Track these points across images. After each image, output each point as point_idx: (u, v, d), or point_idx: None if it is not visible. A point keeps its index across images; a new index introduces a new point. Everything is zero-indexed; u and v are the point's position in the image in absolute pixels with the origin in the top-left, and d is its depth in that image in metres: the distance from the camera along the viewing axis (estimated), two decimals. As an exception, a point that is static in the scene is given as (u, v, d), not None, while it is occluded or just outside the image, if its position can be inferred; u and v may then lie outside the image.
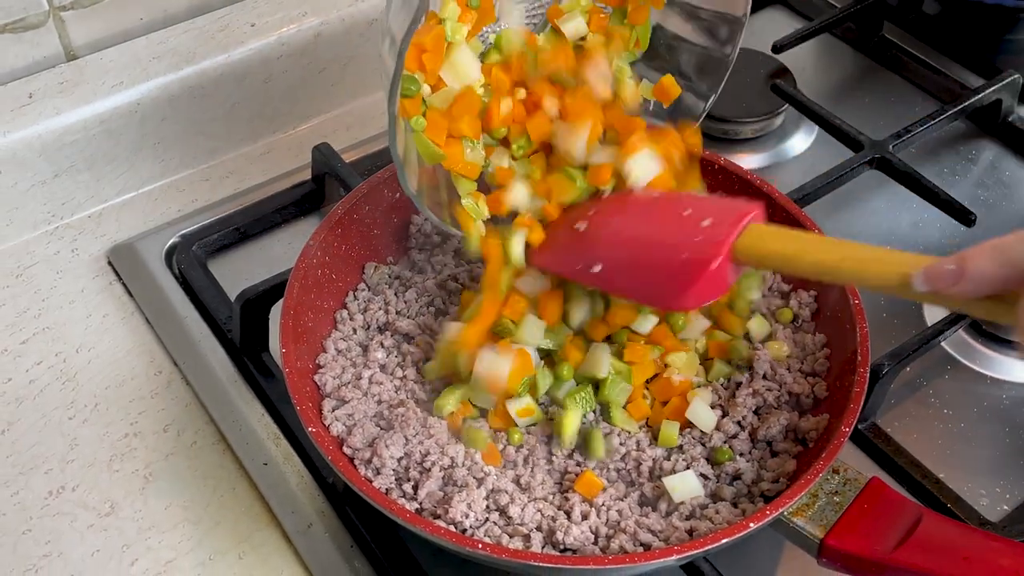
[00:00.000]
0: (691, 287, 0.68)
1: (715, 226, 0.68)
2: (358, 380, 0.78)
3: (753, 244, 0.67)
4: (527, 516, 0.70)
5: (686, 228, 0.69)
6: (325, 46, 1.05)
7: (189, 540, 0.76)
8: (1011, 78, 1.06)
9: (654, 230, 0.72)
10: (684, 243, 0.69)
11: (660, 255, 0.70)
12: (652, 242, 0.72)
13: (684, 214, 0.71)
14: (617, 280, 0.73)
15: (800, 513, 0.68)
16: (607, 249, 0.73)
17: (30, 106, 0.94)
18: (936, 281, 0.59)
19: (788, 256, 0.66)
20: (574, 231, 0.75)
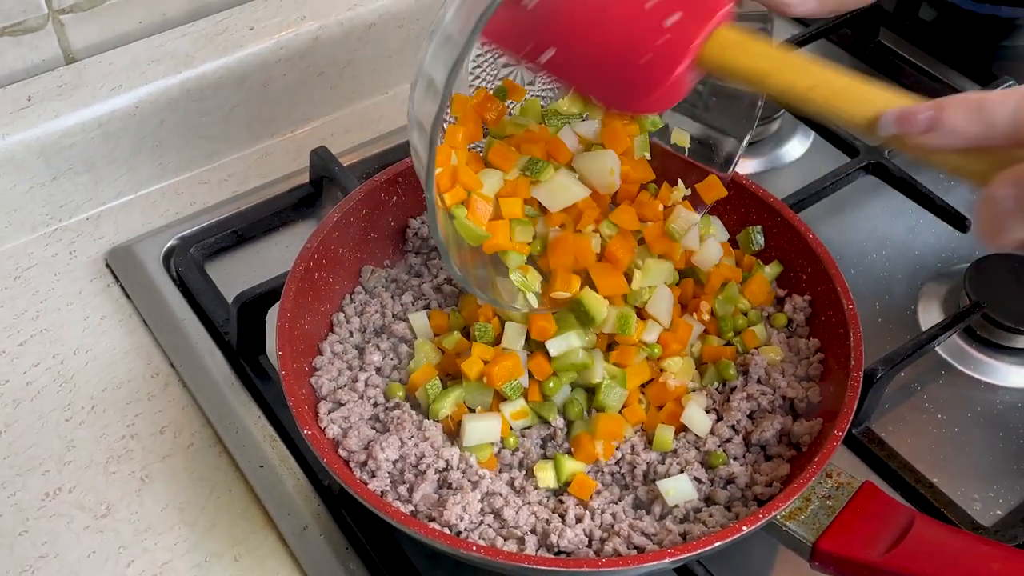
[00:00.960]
0: (651, 92, 0.64)
1: (681, 25, 0.63)
2: (354, 383, 0.78)
3: (720, 54, 0.63)
4: (521, 519, 0.71)
5: (650, 23, 0.64)
6: (323, 50, 1.06)
7: (185, 542, 0.77)
8: (1007, 85, 1.06)
9: (615, 19, 0.66)
10: (648, 42, 0.64)
11: (621, 52, 0.65)
12: (612, 36, 0.66)
13: (648, 4, 0.65)
14: (569, 71, 0.68)
15: (793, 517, 0.68)
16: (561, 33, 0.67)
17: (29, 109, 0.95)
18: (906, 125, 0.57)
19: (756, 73, 0.62)
20: (521, 7, 0.68)
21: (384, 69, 1.11)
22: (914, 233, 0.99)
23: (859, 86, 0.60)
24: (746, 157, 1.07)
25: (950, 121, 0.55)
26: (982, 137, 0.55)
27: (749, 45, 0.63)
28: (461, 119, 0.75)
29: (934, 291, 0.94)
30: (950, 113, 0.56)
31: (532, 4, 0.68)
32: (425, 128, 0.63)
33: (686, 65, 0.63)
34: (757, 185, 0.86)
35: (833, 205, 0.99)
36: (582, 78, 0.69)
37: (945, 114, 0.56)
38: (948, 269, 0.96)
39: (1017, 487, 0.81)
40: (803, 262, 0.83)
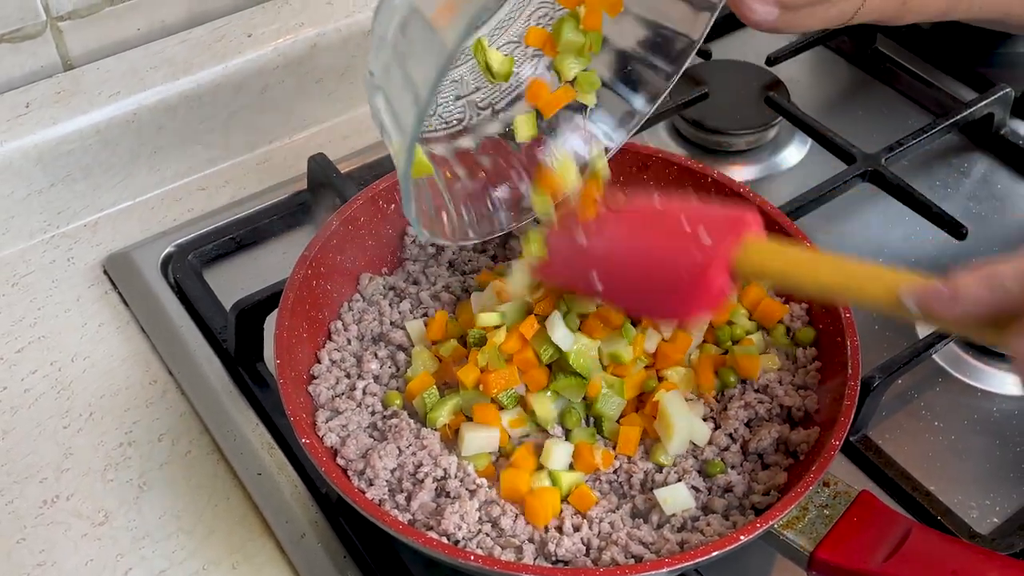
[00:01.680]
0: (693, 303, 0.69)
1: (714, 242, 0.69)
2: (352, 391, 0.78)
3: (751, 260, 0.68)
4: (519, 528, 0.71)
5: (686, 244, 0.70)
6: (322, 56, 1.06)
7: (183, 550, 0.77)
8: (1003, 92, 1.06)
9: (655, 245, 0.73)
10: (684, 261, 0.70)
11: (661, 271, 0.71)
12: (653, 258, 0.72)
13: (683, 227, 0.71)
14: (619, 295, 0.74)
15: (790, 526, 0.69)
16: (608, 263, 0.74)
17: (27, 115, 0.95)
18: (928, 302, 0.60)
19: (787, 274, 0.68)
20: (574, 244, 0.75)
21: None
22: (911, 241, 0.99)
23: (880, 272, 0.65)
24: (743, 164, 1.07)
25: (967, 293, 0.59)
26: (1000, 304, 0.59)
27: (776, 250, 0.69)
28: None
29: (931, 298, 0.94)
30: (966, 286, 0.59)
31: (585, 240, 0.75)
32: (405, 127, 0.65)
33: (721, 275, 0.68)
34: (755, 192, 0.86)
35: (830, 212, 0.99)
36: (629, 298, 0.75)
37: (961, 288, 0.60)
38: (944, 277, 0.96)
39: (1014, 495, 0.81)
40: (800, 270, 0.83)
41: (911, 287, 0.61)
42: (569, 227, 0.78)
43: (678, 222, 0.72)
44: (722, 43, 1.20)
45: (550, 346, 0.75)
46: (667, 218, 0.74)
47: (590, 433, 0.76)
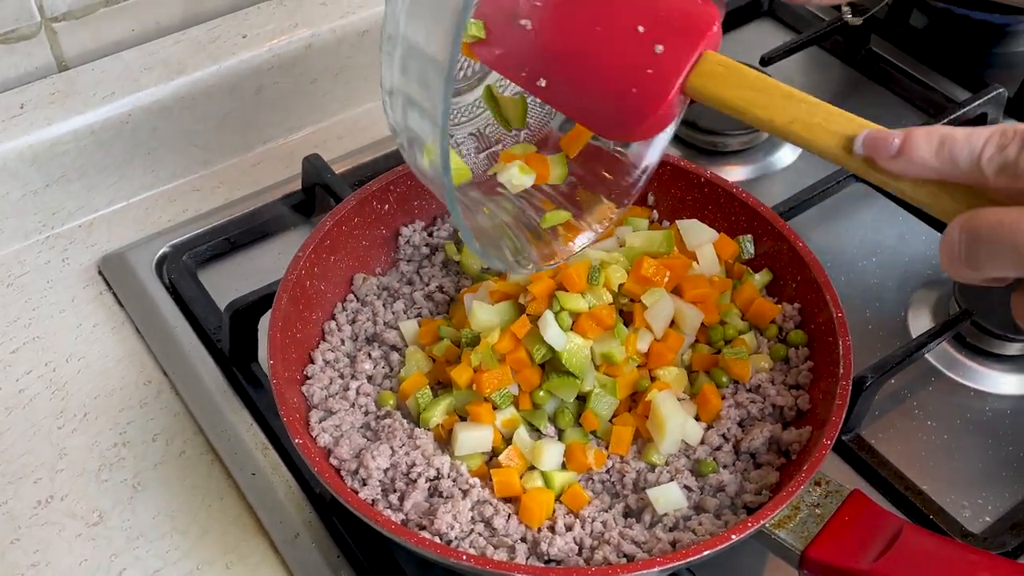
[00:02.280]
0: (639, 122, 0.67)
1: (668, 54, 0.65)
2: (345, 391, 0.78)
3: (704, 85, 0.65)
4: (512, 527, 0.71)
5: (639, 52, 0.66)
6: (316, 57, 1.06)
7: (177, 550, 0.77)
8: (997, 92, 1.07)
9: (605, 49, 0.68)
10: (635, 74, 0.66)
11: (609, 85, 0.67)
12: (602, 66, 0.68)
13: (637, 30, 0.67)
14: (561, 99, 0.71)
15: (782, 525, 0.69)
16: (554, 64, 0.69)
17: (21, 116, 0.95)
18: (875, 148, 0.58)
19: (737, 105, 0.65)
20: (520, 27, 0.70)
21: (377, 76, 1.10)
22: (904, 240, 0.99)
23: (835, 118, 0.62)
24: (737, 164, 1.07)
25: (915, 150, 0.57)
26: (944, 172, 0.56)
27: (732, 77, 0.65)
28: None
29: (924, 298, 0.94)
30: (915, 142, 0.57)
31: (529, 25, 0.69)
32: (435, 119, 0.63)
33: (673, 95, 0.66)
34: (747, 193, 0.86)
35: (823, 213, 0.99)
36: (574, 105, 0.71)
37: (911, 142, 0.57)
38: (938, 276, 0.96)
39: (1006, 494, 0.81)
40: (793, 270, 0.83)
41: (863, 133, 0.59)
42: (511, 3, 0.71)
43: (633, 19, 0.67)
44: (716, 43, 1.20)
45: (543, 346, 0.75)
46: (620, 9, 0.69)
47: (582, 433, 0.76)
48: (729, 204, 0.87)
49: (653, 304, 0.78)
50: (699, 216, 0.87)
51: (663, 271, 0.79)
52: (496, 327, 0.77)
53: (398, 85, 0.66)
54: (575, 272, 0.76)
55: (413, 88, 0.65)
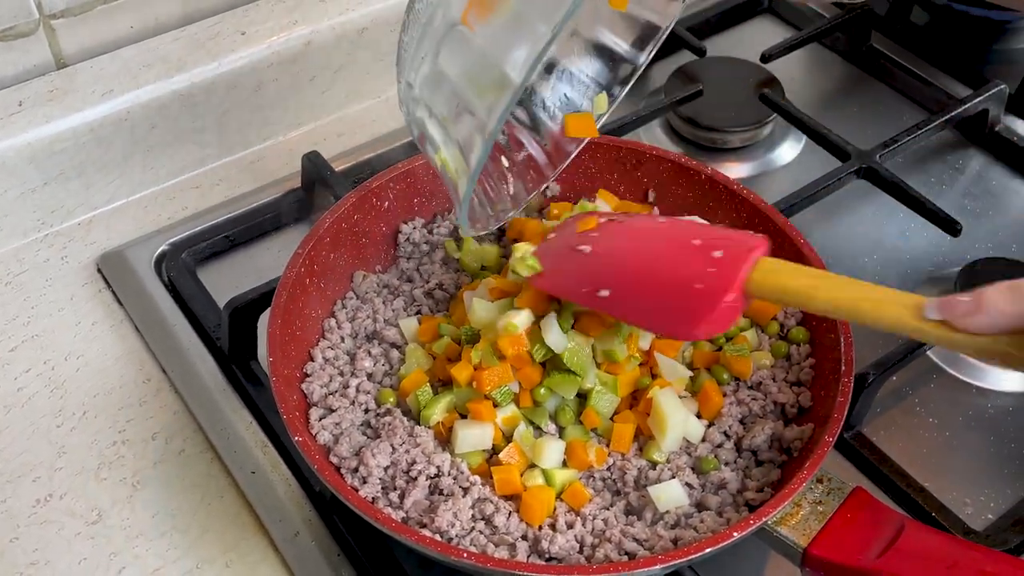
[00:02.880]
0: (704, 319, 0.69)
1: (727, 257, 0.69)
2: (345, 389, 0.78)
3: (766, 278, 0.68)
4: (513, 525, 0.71)
5: (698, 258, 0.69)
6: (315, 54, 1.06)
7: (176, 548, 0.76)
8: (998, 88, 1.06)
9: (665, 258, 0.72)
10: (697, 274, 0.69)
11: (673, 285, 0.70)
12: (664, 271, 0.71)
13: (693, 243, 0.71)
14: (626, 307, 0.73)
15: (784, 522, 0.68)
16: (616, 274, 0.73)
17: (20, 114, 0.94)
18: (949, 310, 0.60)
19: (801, 293, 0.67)
20: (578, 252, 0.74)
21: (376, 73, 1.11)
22: (905, 237, 0.99)
23: (895, 292, 0.64)
24: (738, 161, 1.07)
25: (991, 303, 0.58)
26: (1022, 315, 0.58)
27: (790, 270, 0.68)
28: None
29: (925, 295, 0.93)
30: (989, 296, 0.59)
31: (588, 250, 0.74)
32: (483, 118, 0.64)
33: (734, 292, 0.68)
34: (748, 190, 0.86)
35: (825, 209, 0.99)
36: (639, 312, 0.73)
37: (985, 298, 0.59)
38: (940, 273, 0.96)
39: (1008, 491, 0.81)
40: (794, 267, 0.83)
41: (934, 299, 0.61)
42: (567, 237, 0.76)
43: (688, 237, 0.71)
44: (717, 40, 1.20)
45: (543, 345, 0.75)
46: (676, 231, 0.73)
47: (583, 430, 0.76)
48: (730, 201, 0.87)
49: None
50: (700, 213, 0.87)
51: None
52: (495, 323, 0.76)
53: (425, 98, 0.67)
54: None
55: (443, 110, 0.66)
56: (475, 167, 0.65)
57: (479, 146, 0.65)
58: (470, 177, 0.66)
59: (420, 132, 0.71)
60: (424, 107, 0.69)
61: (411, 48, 0.69)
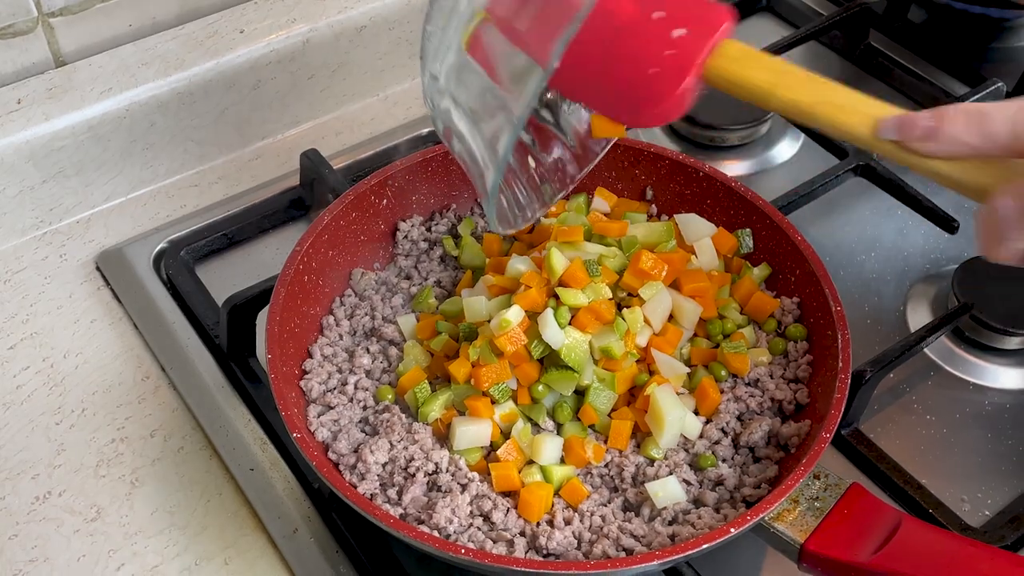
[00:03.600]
0: (656, 105, 0.65)
1: (687, 38, 0.64)
2: (344, 386, 0.78)
3: (725, 67, 0.64)
4: (511, 521, 0.71)
5: (657, 35, 0.65)
6: (314, 52, 1.06)
7: (175, 545, 0.77)
8: (995, 86, 1.06)
9: (621, 31, 0.66)
10: (654, 55, 0.64)
11: (627, 64, 0.65)
12: (619, 46, 0.66)
13: (654, 16, 0.65)
14: (574, 81, 0.68)
15: (781, 518, 0.69)
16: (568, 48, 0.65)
17: (18, 112, 0.95)
18: (906, 131, 0.57)
19: (762, 88, 0.63)
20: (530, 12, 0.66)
21: (375, 71, 1.11)
22: (903, 235, 0.99)
23: (860, 99, 0.61)
24: (736, 159, 1.07)
25: (950, 129, 0.56)
26: (980, 147, 0.55)
27: (753, 60, 0.64)
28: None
29: (923, 292, 0.94)
30: (949, 121, 0.56)
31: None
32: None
33: (692, 78, 0.64)
34: (746, 187, 0.86)
35: (822, 207, 0.99)
36: (589, 92, 0.69)
37: (944, 122, 0.56)
38: (937, 270, 0.96)
39: (1005, 488, 0.81)
40: (792, 264, 0.83)
41: (892, 116, 0.58)
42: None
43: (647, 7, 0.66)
44: (715, 38, 1.20)
45: (540, 342, 0.75)
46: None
47: (581, 427, 0.76)
48: (728, 198, 0.87)
49: (651, 298, 0.78)
50: (698, 210, 0.87)
51: (661, 265, 0.79)
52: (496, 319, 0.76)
53: (451, 88, 0.66)
54: (575, 267, 0.76)
55: (469, 100, 0.65)
56: (503, 154, 0.63)
57: (507, 134, 0.63)
58: (497, 166, 0.64)
59: (445, 127, 0.69)
60: (450, 98, 0.68)
61: (435, 38, 0.68)
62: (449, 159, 0.89)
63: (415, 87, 1.13)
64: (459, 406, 0.76)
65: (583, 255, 0.78)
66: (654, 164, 0.89)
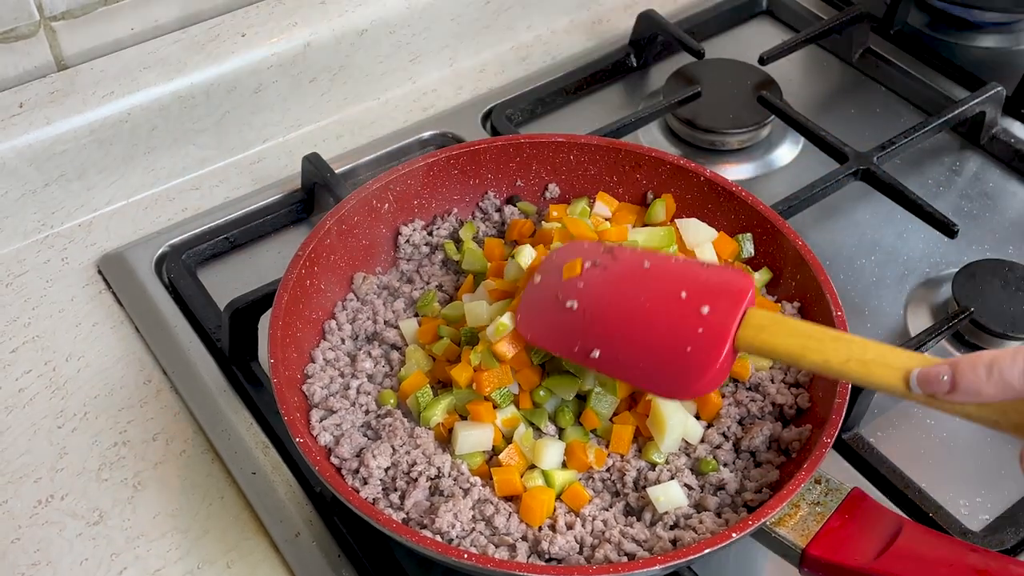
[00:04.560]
0: (697, 381, 0.68)
1: (715, 313, 0.68)
2: (346, 390, 0.78)
3: (754, 336, 0.67)
4: (513, 526, 0.71)
5: (686, 316, 0.69)
6: (315, 56, 1.06)
7: (178, 549, 0.77)
8: (995, 90, 1.07)
9: (654, 319, 0.71)
10: (687, 337, 0.68)
11: (663, 349, 0.70)
12: (653, 333, 0.70)
13: (681, 296, 0.70)
14: (617, 368, 0.72)
15: (782, 523, 0.69)
16: (605, 337, 0.72)
17: (21, 116, 0.95)
18: (929, 386, 0.59)
19: (791, 354, 0.66)
20: (565, 310, 0.73)
21: (376, 75, 1.11)
22: (903, 239, 1.00)
23: (887, 352, 0.63)
24: (736, 163, 1.07)
25: (966, 384, 0.58)
26: (1000, 395, 0.57)
27: (779, 326, 0.67)
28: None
29: (923, 296, 0.94)
30: (963, 376, 0.58)
31: (575, 306, 0.73)
32: None
33: (728, 348, 0.67)
34: (747, 192, 0.86)
35: (822, 211, 0.99)
36: (630, 372, 0.72)
37: (959, 377, 0.58)
38: (936, 275, 0.96)
39: (1005, 492, 0.81)
40: (792, 269, 0.83)
41: (916, 371, 0.60)
42: (553, 285, 0.75)
43: (674, 288, 0.70)
44: (714, 42, 1.21)
45: (540, 349, 0.75)
46: (660, 281, 0.72)
47: (583, 432, 0.76)
48: (728, 203, 0.87)
49: None
50: (699, 215, 0.87)
51: None
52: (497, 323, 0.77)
53: None
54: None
55: None
56: None
57: None
58: None
59: None
60: None
61: None
62: (451, 163, 0.89)
63: (416, 91, 1.14)
64: (461, 410, 0.77)
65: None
66: (655, 168, 0.89)
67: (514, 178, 0.92)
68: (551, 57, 1.18)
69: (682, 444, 0.76)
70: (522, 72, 1.16)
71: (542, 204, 0.92)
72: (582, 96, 1.14)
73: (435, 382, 0.79)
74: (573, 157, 0.91)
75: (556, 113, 1.12)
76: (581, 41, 1.20)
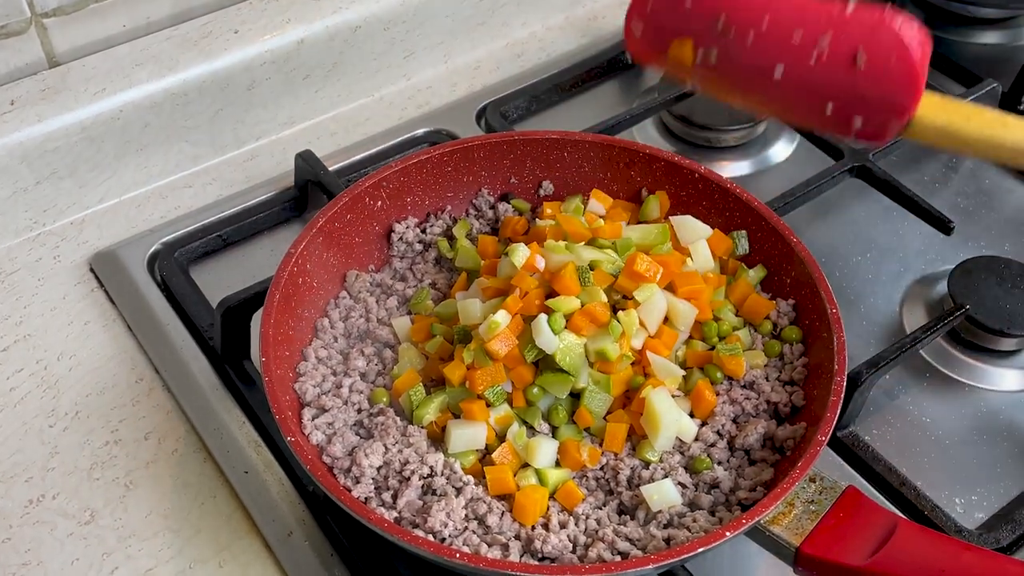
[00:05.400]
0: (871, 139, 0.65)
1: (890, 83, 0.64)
2: (338, 388, 0.78)
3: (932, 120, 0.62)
4: (506, 525, 0.71)
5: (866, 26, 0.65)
6: (308, 53, 1.05)
7: (169, 548, 0.76)
8: (991, 86, 1.07)
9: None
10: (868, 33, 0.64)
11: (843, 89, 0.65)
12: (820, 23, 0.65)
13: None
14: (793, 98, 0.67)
15: (777, 521, 0.69)
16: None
17: (12, 113, 0.94)
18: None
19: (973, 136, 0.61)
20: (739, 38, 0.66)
21: (369, 72, 1.11)
22: (898, 236, 0.99)
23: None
24: (731, 159, 1.07)
25: None
26: None
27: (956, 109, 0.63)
28: None
29: (918, 294, 0.94)
30: None
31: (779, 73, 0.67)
32: None
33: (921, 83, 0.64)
34: (742, 189, 0.86)
35: (818, 208, 0.99)
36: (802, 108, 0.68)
37: None
38: (932, 272, 0.96)
39: (1000, 490, 0.81)
40: (787, 266, 0.83)
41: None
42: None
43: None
44: (710, 39, 1.20)
45: (534, 346, 0.74)
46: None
47: (576, 430, 0.76)
48: (723, 200, 0.87)
49: (646, 300, 0.78)
50: (693, 212, 0.87)
51: (656, 267, 0.78)
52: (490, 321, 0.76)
53: None
54: (567, 276, 0.76)
55: None
56: None
57: None
58: None
59: None
60: None
61: None
62: (445, 161, 0.88)
63: (410, 88, 1.13)
64: (454, 409, 0.76)
65: (576, 260, 0.78)
66: (649, 165, 0.89)
67: (508, 175, 0.91)
68: (546, 54, 1.18)
69: (676, 442, 0.76)
70: (517, 69, 1.16)
71: (536, 201, 0.92)
72: (577, 93, 1.14)
73: (428, 380, 0.79)
74: (567, 154, 0.90)
75: (551, 110, 1.12)
76: (576, 38, 1.20)
